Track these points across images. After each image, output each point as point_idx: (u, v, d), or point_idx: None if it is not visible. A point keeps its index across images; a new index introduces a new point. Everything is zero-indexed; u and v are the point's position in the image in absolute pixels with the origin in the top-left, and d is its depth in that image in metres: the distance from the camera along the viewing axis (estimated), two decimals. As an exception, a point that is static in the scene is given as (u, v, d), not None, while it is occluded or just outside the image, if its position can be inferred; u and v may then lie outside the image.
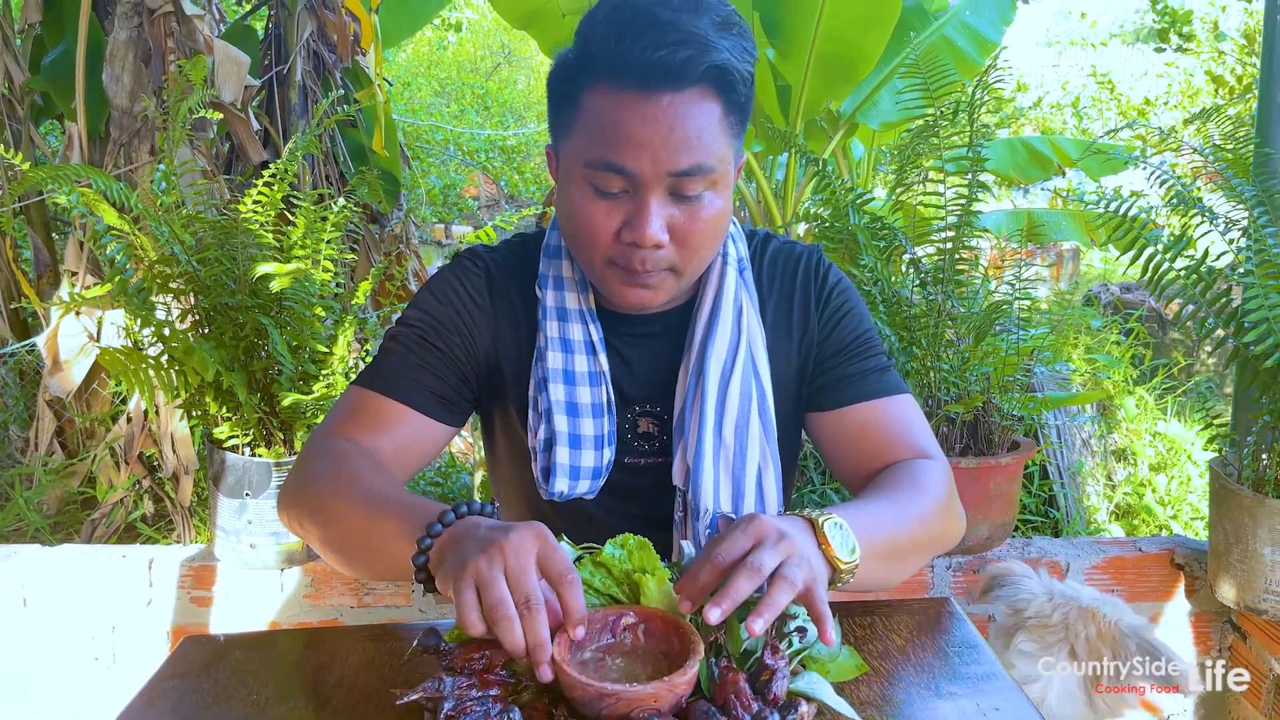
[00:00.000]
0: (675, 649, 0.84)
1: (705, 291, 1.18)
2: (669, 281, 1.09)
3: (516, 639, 0.79)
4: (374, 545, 0.98)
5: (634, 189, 1.03)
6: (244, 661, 1.02)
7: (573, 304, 1.18)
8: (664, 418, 1.20)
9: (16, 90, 3.23)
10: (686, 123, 1.00)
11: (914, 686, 0.95)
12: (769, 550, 0.85)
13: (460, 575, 0.82)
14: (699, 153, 1.01)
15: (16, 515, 2.76)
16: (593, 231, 1.05)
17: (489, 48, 14.17)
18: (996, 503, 2.00)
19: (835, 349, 1.22)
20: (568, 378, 1.17)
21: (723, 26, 1.01)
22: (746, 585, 0.83)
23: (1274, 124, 1.97)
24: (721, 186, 1.06)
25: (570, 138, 1.06)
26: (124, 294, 1.93)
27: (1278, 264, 1.70)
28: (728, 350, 1.16)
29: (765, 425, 1.17)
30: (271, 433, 2.02)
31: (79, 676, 2.07)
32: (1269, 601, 1.78)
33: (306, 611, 2.08)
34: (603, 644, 0.87)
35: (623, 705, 0.77)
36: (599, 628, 0.87)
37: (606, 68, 1.01)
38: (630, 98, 1.00)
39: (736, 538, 0.87)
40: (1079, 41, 14.12)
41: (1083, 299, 5.23)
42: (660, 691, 0.77)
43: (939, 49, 3.30)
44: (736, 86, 1.03)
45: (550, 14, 3.26)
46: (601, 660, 0.85)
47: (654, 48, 0.97)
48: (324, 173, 3.68)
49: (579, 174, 1.05)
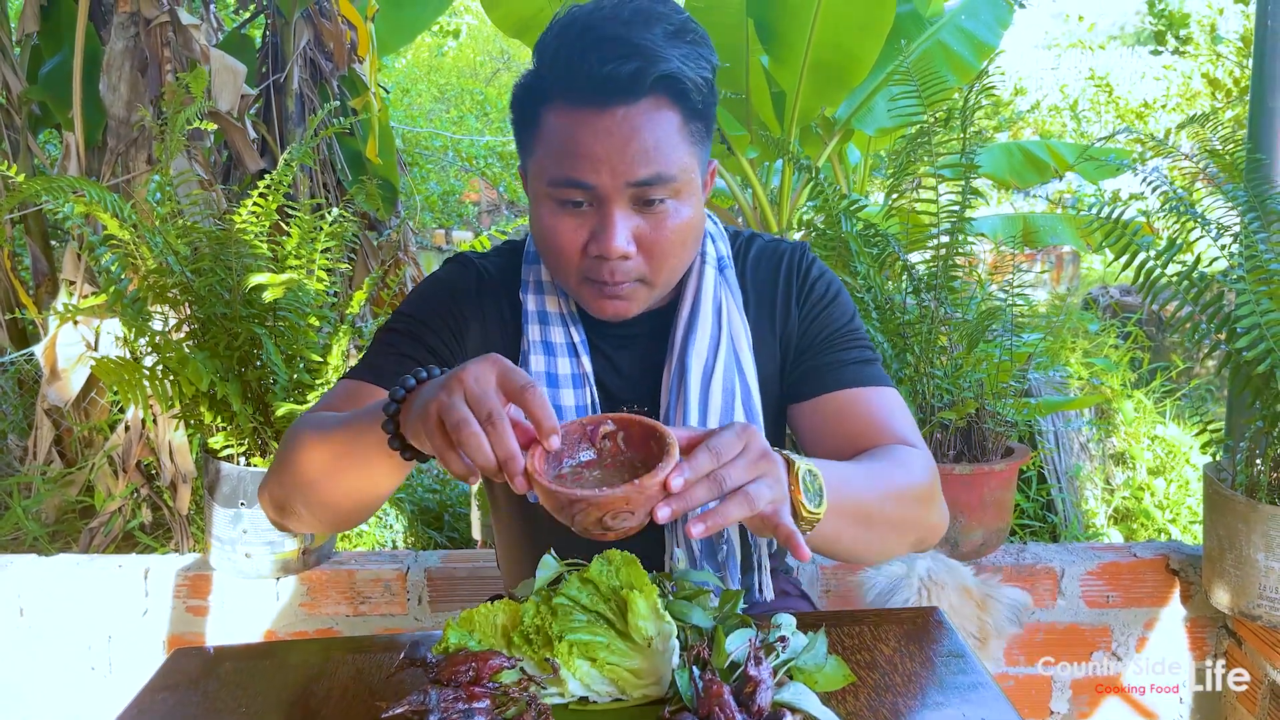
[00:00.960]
0: (655, 455, 0.82)
1: (685, 292, 1.19)
2: (641, 292, 1.10)
3: (486, 454, 0.78)
4: (347, 447, 0.98)
5: (597, 202, 1.04)
6: (234, 673, 1.03)
7: (553, 307, 1.19)
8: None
9: (14, 100, 3.24)
10: (643, 133, 1.01)
11: (901, 696, 0.94)
12: (743, 463, 0.82)
13: (425, 417, 0.82)
14: (658, 162, 1.02)
15: (15, 524, 2.77)
16: (561, 247, 1.06)
17: (488, 53, 14.20)
18: (991, 509, 2.01)
19: (815, 339, 1.21)
20: (550, 380, 1.17)
21: (675, 35, 1.02)
22: (704, 495, 0.81)
23: (1265, 129, 1.98)
24: (686, 195, 1.06)
25: (534, 157, 1.08)
26: (119, 304, 1.94)
27: (1269, 269, 1.70)
28: (709, 348, 1.17)
29: (751, 421, 1.17)
30: (266, 442, 2.02)
31: (75, 686, 2.08)
32: (1263, 607, 1.78)
33: (302, 620, 2.08)
34: (583, 459, 0.86)
35: (594, 509, 0.77)
36: (577, 439, 0.86)
37: (560, 86, 1.02)
38: (585, 114, 1.01)
39: (730, 438, 0.83)
40: (1077, 44, 14.14)
41: (1082, 302, 5.24)
42: (630, 494, 0.76)
43: (934, 54, 3.31)
44: (690, 94, 1.03)
45: (543, 23, 3.25)
46: (580, 473, 0.85)
47: (602, 62, 0.98)
48: (321, 180, 3.69)
49: (543, 191, 1.06)
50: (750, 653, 0.87)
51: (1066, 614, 2.07)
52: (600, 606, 0.94)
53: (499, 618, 0.96)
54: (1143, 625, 2.07)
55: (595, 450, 0.86)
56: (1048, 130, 10.73)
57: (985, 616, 1.77)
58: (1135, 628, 2.07)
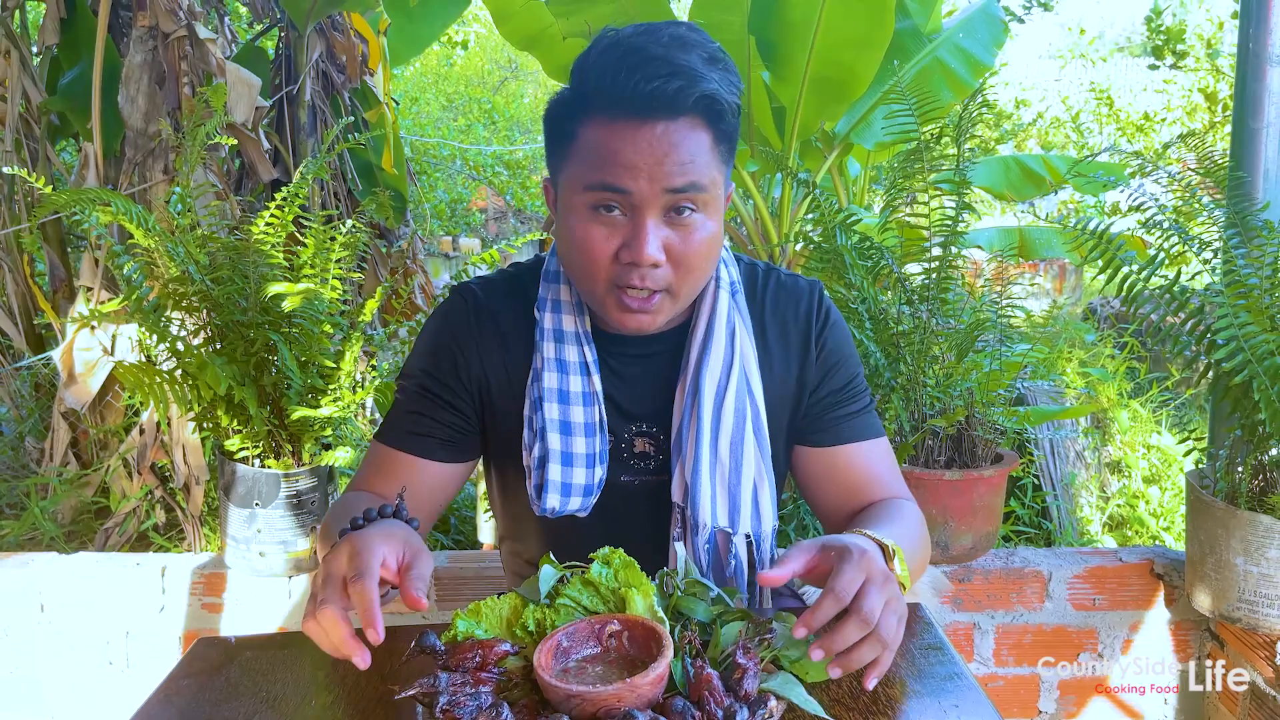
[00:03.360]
0: (653, 654, 0.90)
1: (700, 314, 1.24)
2: (666, 304, 1.15)
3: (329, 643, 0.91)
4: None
5: (631, 210, 1.09)
6: (254, 661, 1.09)
7: (569, 326, 1.24)
8: (660, 437, 1.26)
9: (34, 110, 3.32)
10: (680, 148, 1.07)
11: (882, 685, 1.00)
12: (876, 593, 0.91)
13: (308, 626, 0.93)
14: (693, 173, 1.08)
15: (32, 524, 2.83)
16: (593, 254, 1.11)
17: (496, 62, 14.29)
18: (980, 513, 2.07)
19: (831, 389, 1.30)
20: (562, 397, 1.23)
21: (710, 61, 1.09)
22: (856, 633, 0.90)
23: (1246, 148, 2.04)
24: (713, 210, 1.13)
25: (568, 167, 1.13)
26: (139, 310, 2.01)
27: (1247, 284, 1.76)
28: (722, 369, 1.22)
29: (760, 441, 1.24)
30: (280, 445, 2.09)
31: (93, 680, 2.14)
32: (1242, 610, 1.84)
33: (313, 618, 2.14)
34: (589, 653, 0.94)
35: (588, 705, 0.84)
36: (585, 636, 0.95)
37: (603, 101, 1.08)
38: (626, 126, 1.07)
39: (853, 574, 0.92)
40: (1081, 56, 14.18)
41: (1081, 313, 5.29)
42: (622, 692, 0.84)
43: (932, 71, 3.38)
44: (725, 116, 1.10)
45: (552, 37, 3.35)
46: (583, 668, 0.93)
47: (647, 80, 1.05)
48: (332, 190, 3.77)
49: (579, 199, 1.11)
50: (740, 642, 0.94)
51: (1054, 616, 2.12)
52: (600, 608, 1.00)
53: (504, 610, 1.03)
54: (1128, 628, 2.13)
55: (601, 647, 0.95)
56: (1049, 142, 10.78)
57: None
58: (1121, 630, 2.13)
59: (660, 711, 0.85)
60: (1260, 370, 1.73)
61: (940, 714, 0.97)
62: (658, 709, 0.86)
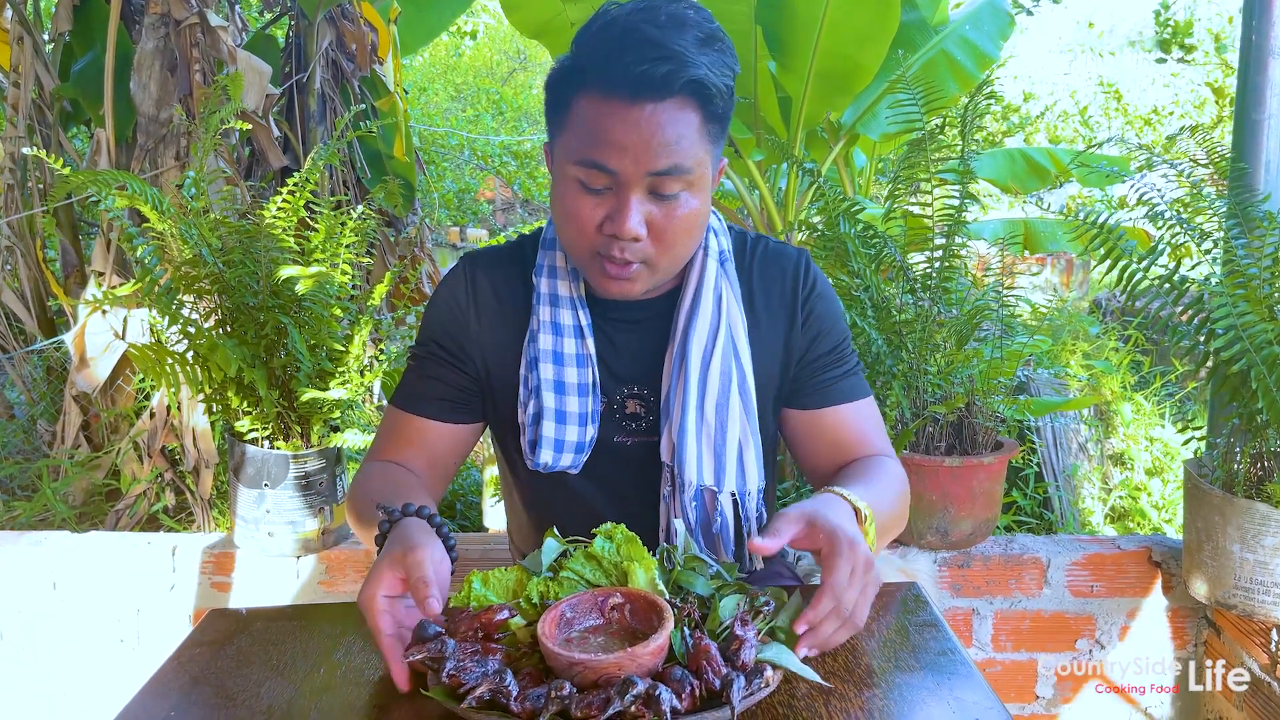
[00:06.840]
0: (653, 626, 0.94)
1: (688, 281, 1.29)
2: (644, 274, 1.20)
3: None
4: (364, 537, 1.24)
5: (617, 187, 1.14)
6: (265, 631, 1.12)
7: (564, 291, 1.29)
8: (650, 399, 1.31)
9: (46, 96, 3.35)
10: (666, 129, 1.11)
11: (876, 659, 1.03)
12: (858, 586, 0.99)
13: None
14: (677, 155, 1.12)
15: (44, 506, 2.87)
16: (579, 223, 1.17)
17: (504, 53, 14.30)
18: (979, 500, 2.09)
19: (818, 354, 1.34)
20: (556, 358, 1.28)
21: (704, 43, 1.12)
22: (843, 636, 0.99)
23: (1248, 139, 2.06)
24: (698, 188, 1.17)
25: (562, 137, 1.18)
26: (153, 293, 2.04)
27: (1246, 274, 1.78)
28: (708, 335, 1.27)
29: (745, 403, 1.28)
30: (290, 426, 2.12)
31: (105, 657, 2.18)
32: (1238, 597, 1.86)
33: (321, 597, 2.18)
34: (592, 624, 0.98)
35: (590, 673, 0.87)
36: (588, 607, 0.98)
37: (596, 78, 1.12)
38: (616, 105, 1.11)
39: (846, 569, 0.98)
40: (1090, 49, 14.12)
41: (1088, 307, 5.29)
42: (623, 661, 0.87)
43: (938, 63, 3.38)
44: (714, 99, 1.13)
45: (560, 26, 3.36)
46: (586, 638, 0.96)
47: (638, 62, 1.08)
48: (341, 177, 3.79)
49: (569, 170, 1.16)
50: (738, 614, 0.97)
51: (1052, 603, 2.15)
52: (603, 580, 1.04)
53: (510, 581, 1.06)
54: (1125, 614, 2.15)
55: (604, 619, 0.98)
56: (1058, 137, 10.76)
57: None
58: (1118, 617, 2.15)
59: (660, 680, 0.88)
60: (1258, 359, 1.75)
61: (935, 687, 0.99)
62: (657, 678, 0.88)
